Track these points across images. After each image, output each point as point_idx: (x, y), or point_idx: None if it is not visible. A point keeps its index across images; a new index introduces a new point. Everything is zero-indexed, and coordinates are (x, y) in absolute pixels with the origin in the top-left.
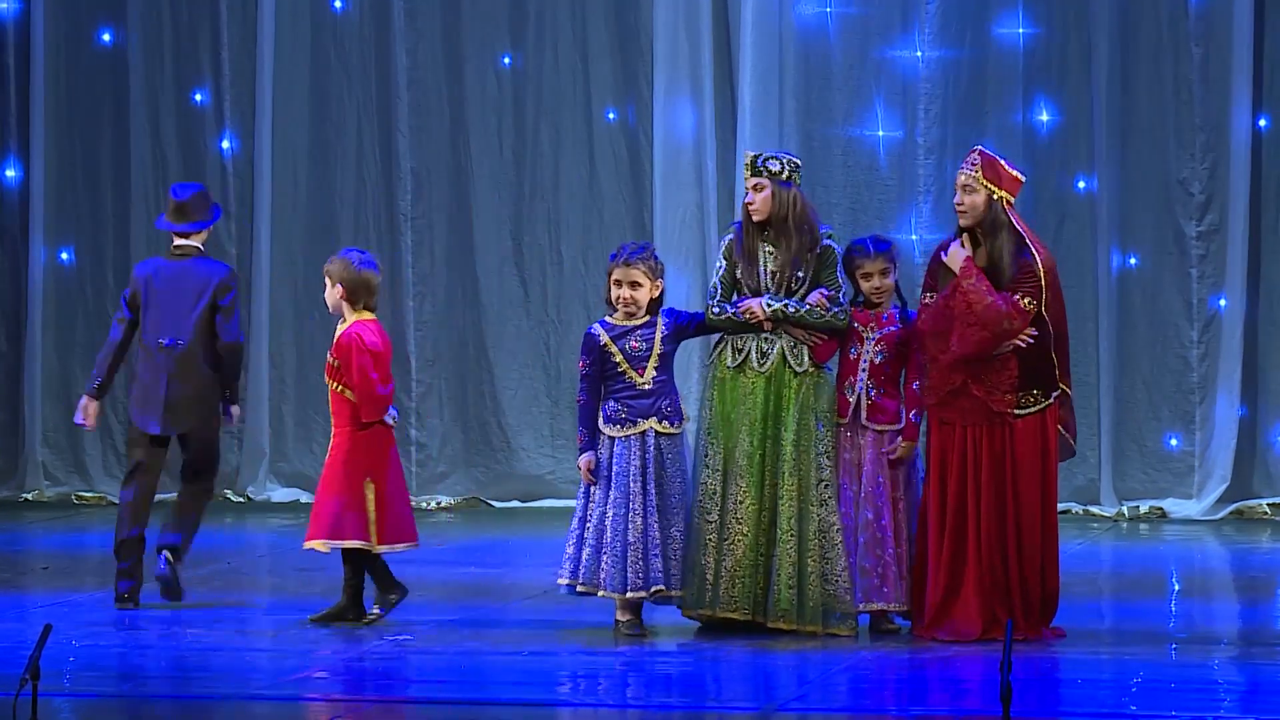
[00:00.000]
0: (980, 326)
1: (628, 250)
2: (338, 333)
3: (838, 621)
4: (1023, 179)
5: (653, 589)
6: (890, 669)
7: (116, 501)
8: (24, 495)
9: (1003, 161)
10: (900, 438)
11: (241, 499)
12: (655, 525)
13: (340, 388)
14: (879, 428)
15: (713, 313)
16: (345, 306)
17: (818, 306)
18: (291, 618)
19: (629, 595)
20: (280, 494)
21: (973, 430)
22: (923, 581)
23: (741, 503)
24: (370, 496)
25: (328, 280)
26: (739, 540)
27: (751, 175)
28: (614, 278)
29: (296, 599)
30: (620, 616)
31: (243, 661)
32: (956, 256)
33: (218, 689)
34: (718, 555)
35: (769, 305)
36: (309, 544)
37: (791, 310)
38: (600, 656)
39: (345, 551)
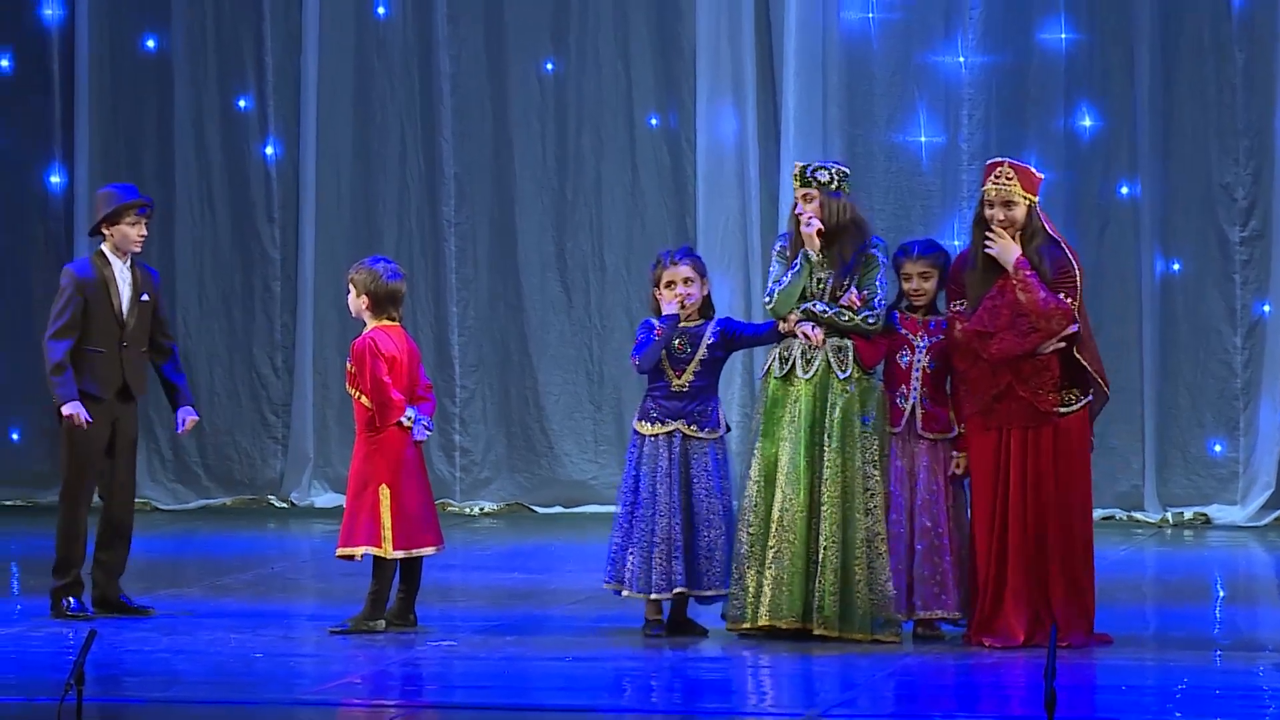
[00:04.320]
0: (1036, 320)
1: (669, 253)
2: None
3: (881, 628)
4: (1043, 176)
5: (675, 590)
6: (935, 675)
7: (165, 508)
8: None
9: (1029, 167)
10: (955, 451)
11: (285, 504)
12: (679, 527)
13: (358, 394)
14: (933, 436)
15: (764, 300)
16: (368, 314)
17: (847, 309)
18: (336, 623)
19: (653, 596)
20: (324, 499)
21: (1017, 433)
22: (975, 588)
23: (788, 510)
24: (385, 503)
25: (352, 288)
26: (786, 547)
27: (801, 185)
28: (665, 280)
29: (341, 604)
30: (648, 616)
31: (287, 667)
32: (1008, 251)
33: (262, 694)
34: (760, 566)
35: (800, 309)
36: (338, 553)
37: (819, 311)
38: (644, 661)
39: (374, 559)
